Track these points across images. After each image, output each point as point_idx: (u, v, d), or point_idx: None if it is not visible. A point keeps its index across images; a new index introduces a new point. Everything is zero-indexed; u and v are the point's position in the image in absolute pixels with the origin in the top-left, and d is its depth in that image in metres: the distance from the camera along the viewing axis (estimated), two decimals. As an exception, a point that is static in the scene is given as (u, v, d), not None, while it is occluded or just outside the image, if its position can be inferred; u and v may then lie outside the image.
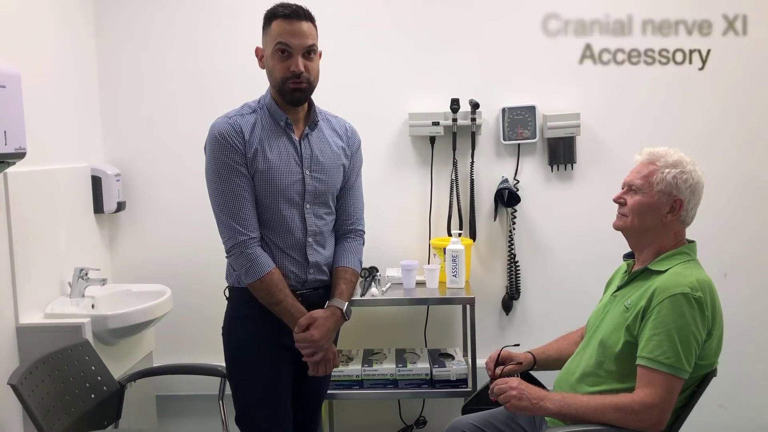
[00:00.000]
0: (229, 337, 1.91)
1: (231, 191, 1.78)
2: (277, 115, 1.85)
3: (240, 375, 1.89)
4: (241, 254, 1.78)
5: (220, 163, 1.78)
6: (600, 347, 1.76)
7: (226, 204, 1.78)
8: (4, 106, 1.99)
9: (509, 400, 1.71)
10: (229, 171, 1.78)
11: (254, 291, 1.80)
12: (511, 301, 2.92)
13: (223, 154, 1.78)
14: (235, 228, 1.78)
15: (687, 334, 1.61)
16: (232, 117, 1.83)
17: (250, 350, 1.86)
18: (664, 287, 1.65)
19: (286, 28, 1.77)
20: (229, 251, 1.80)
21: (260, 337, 1.85)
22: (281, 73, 1.79)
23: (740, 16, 2.81)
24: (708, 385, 1.73)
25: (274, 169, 1.81)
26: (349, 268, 1.93)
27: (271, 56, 1.80)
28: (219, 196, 1.79)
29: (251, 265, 1.78)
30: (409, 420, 3.01)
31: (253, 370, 1.86)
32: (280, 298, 1.80)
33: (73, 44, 2.76)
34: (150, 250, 2.96)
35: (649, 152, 1.80)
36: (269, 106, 1.86)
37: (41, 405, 1.82)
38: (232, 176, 1.78)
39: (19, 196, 2.24)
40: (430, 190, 2.91)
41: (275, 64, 1.79)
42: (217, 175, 1.79)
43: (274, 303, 1.80)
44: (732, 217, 2.87)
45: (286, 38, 1.76)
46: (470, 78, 2.85)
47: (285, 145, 1.84)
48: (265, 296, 1.80)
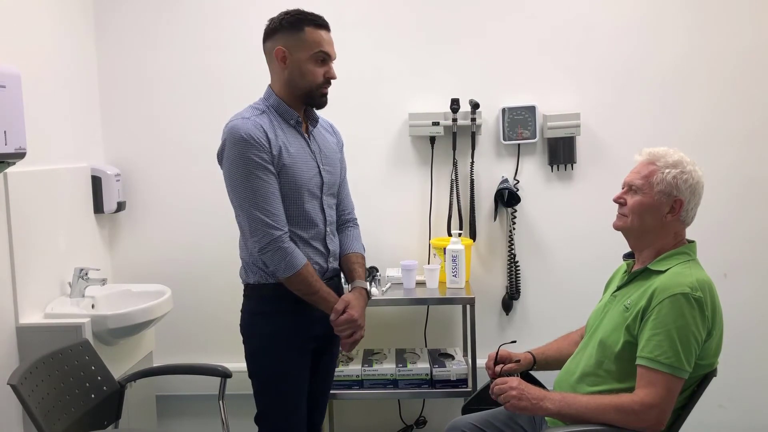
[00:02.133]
0: (254, 334, 1.94)
1: (262, 189, 1.81)
2: (288, 114, 1.91)
3: (268, 370, 1.93)
4: (279, 249, 1.81)
5: (249, 162, 1.80)
6: (600, 347, 1.76)
7: (259, 202, 1.81)
8: (4, 106, 1.99)
9: (509, 400, 1.71)
10: (259, 169, 1.80)
11: (291, 284, 1.85)
12: (511, 301, 2.92)
13: (251, 153, 1.80)
14: (269, 224, 1.81)
15: (687, 334, 1.61)
16: (250, 118, 1.85)
17: (279, 345, 1.91)
18: (664, 287, 1.65)
19: (324, 38, 1.89)
20: (264, 248, 1.81)
21: (287, 332, 1.90)
22: (318, 78, 1.89)
23: (739, 16, 2.81)
24: (708, 385, 1.72)
25: (297, 165, 1.88)
26: (359, 252, 2.08)
27: (306, 61, 1.87)
28: (250, 193, 1.81)
29: (290, 259, 1.82)
30: (409, 420, 3.01)
31: (281, 365, 1.92)
32: (317, 287, 1.87)
33: (73, 44, 2.76)
34: (150, 250, 2.96)
35: (649, 152, 1.80)
36: (277, 106, 1.91)
37: (41, 405, 1.82)
38: (263, 174, 1.81)
39: (19, 196, 2.24)
40: (430, 190, 2.91)
41: (313, 69, 1.88)
42: (247, 174, 1.80)
43: (312, 292, 1.86)
44: (732, 217, 2.87)
45: (327, 47, 1.89)
46: (470, 78, 2.85)
47: (299, 141, 1.92)
48: (303, 287, 1.85)
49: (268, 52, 1.92)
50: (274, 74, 1.93)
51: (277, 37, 1.88)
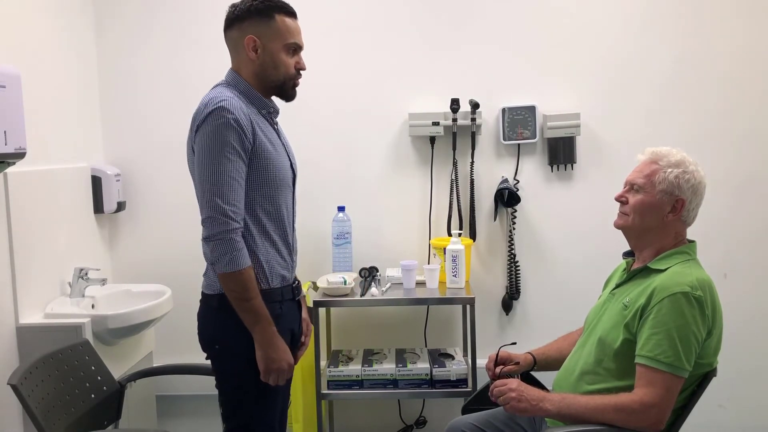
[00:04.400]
0: (245, 344, 1.76)
1: (231, 176, 1.69)
2: (260, 104, 1.82)
3: (261, 382, 1.77)
4: (230, 241, 1.68)
5: (227, 145, 1.68)
6: (599, 345, 1.76)
7: (223, 187, 1.68)
8: (4, 106, 1.99)
9: (509, 401, 1.71)
10: (235, 155, 1.69)
11: (229, 282, 1.71)
12: (511, 301, 2.92)
13: (232, 137, 1.69)
14: (228, 213, 1.68)
15: (687, 333, 1.61)
16: (233, 99, 1.73)
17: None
18: (664, 286, 1.65)
19: (295, 27, 1.81)
20: (213, 236, 1.68)
21: (284, 335, 1.80)
22: (290, 69, 1.81)
23: (738, 16, 2.81)
24: (708, 385, 1.72)
25: (275, 156, 1.79)
26: None
27: (279, 52, 1.79)
28: (216, 177, 1.68)
29: (236, 254, 1.68)
30: (409, 420, 3.01)
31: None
32: (254, 294, 1.72)
33: (73, 44, 2.76)
34: (150, 250, 2.96)
35: (652, 152, 1.80)
36: (249, 94, 1.81)
37: (41, 405, 1.82)
38: (237, 161, 1.70)
39: (19, 196, 2.24)
40: (430, 190, 2.91)
41: (286, 60, 1.80)
42: (221, 156, 1.68)
43: (246, 298, 1.71)
44: (732, 217, 2.86)
45: (297, 37, 1.81)
46: (470, 78, 2.85)
47: (272, 132, 1.83)
48: (239, 289, 1.70)
49: (234, 39, 1.82)
50: (242, 63, 1.82)
51: (246, 24, 1.78)
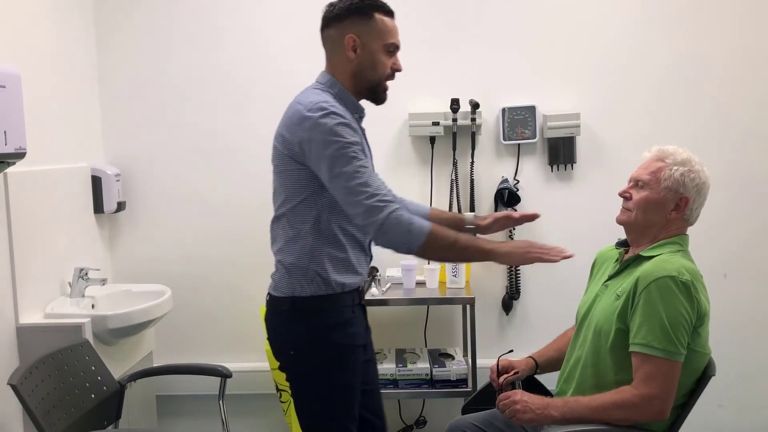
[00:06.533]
0: (330, 345, 1.77)
1: (364, 166, 1.68)
2: (354, 107, 1.79)
3: (342, 380, 1.78)
4: (397, 218, 1.65)
5: (354, 143, 1.67)
6: (594, 336, 1.76)
7: (365, 179, 1.65)
8: (4, 106, 1.99)
9: (515, 414, 1.71)
10: (359, 151, 1.68)
11: (430, 250, 1.69)
12: (511, 301, 2.92)
13: (352, 136, 1.68)
14: (381, 198, 1.66)
15: (677, 316, 1.61)
16: (338, 106, 1.71)
17: (356, 354, 1.82)
18: (650, 272, 1.66)
19: (394, 27, 1.77)
20: (382, 225, 1.64)
21: (361, 338, 1.84)
22: (386, 70, 1.77)
23: (738, 16, 2.81)
24: (708, 385, 1.72)
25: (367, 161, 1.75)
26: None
27: (378, 52, 1.75)
28: (353, 174, 1.65)
29: (414, 226, 1.65)
30: (409, 420, 3.01)
31: (356, 372, 1.82)
32: (457, 236, 1.70)
33: (73, 44, 2.75)
34: (150, 250, 2.96)
35: (658, 149, 1.81)
36: (343, 97, 1.77)
37: (41, 405, 1.82)
38: (360, 154, 1.68)
39: (19, 196, 2.24)
40: (430, 190, 2.91)
41: (384, 60, 1.76)
42: (348, 154, 1.65)
43: (459, 247, 1.69)
44: (732, 217, 2.86)
45: (396, 37, 1.77)
46: (470, 78, 2.85)
47: (362, 136, 1.80)
48: (445, 247, 1.68)
49: (332, 38, 1.76)
50: (338, 63, 1.77)
51: (346, 23, 1.73)
